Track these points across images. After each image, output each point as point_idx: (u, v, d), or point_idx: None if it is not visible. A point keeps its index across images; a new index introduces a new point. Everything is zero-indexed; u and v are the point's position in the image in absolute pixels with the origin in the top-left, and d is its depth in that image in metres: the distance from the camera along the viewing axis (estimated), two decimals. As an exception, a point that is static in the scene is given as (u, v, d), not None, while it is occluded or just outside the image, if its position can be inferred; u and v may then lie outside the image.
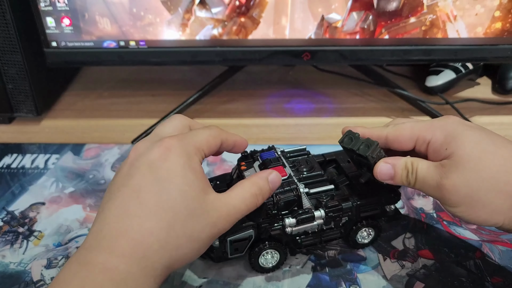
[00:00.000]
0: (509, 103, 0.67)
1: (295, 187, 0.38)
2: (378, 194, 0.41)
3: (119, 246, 0.30)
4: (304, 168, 0.41)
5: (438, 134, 0.35)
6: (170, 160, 0.32)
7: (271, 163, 0.40)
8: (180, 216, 0.31)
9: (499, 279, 0.40)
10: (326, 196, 0.39)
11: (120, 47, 0.57)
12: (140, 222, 0.30)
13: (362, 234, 0.42)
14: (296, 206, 0.38)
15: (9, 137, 0.62)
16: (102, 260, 0.29)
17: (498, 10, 0.52)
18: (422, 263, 0.42)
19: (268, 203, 0.37)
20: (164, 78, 0.76)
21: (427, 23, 0.54)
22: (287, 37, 0.55)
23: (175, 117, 0.37)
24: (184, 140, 0.33)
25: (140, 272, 0.29)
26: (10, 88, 0.61)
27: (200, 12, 0.54)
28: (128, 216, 0.30)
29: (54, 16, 0.55)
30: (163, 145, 0.32)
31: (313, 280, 0.40)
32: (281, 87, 0.72)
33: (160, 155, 0.32)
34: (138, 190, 0.31)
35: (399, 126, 0.37)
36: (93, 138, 0.61)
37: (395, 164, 0.36)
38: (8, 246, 0.45)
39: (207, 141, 0.34)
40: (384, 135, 0.37)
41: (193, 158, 0.33)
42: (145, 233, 0.30)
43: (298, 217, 0.38)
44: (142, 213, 0.30)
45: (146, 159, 0.32)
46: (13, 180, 0.54)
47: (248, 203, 0.34)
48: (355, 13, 0.53)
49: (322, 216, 0.38)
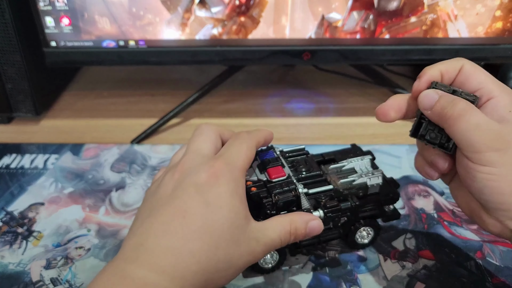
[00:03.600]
0: (509, 103, 0.67)
1: (294, 187, 0.38)
2: (377, 194, 0.41)
3: (160, 263, 0.29)
4: (303, 168, 0.41)
5: (506, 95, 0.33)
6: (219, 185, 0.32)
7: (269, 163, 0.39)
8: (223, 242, 0.31)
9: (500, 279, 0.40)
10: (325, 196, 0.39)
11: (119, 46, 0.56)
12: (183, 242, 0.30)
13: (361, 234, 0.42)
14: (295, 206, 0.38)
15: (8, 137, 0.62)
16: (141, 276, 0.29)
17: (499, 10, 0.52)
18: (422, 264, 0.42)
19: (267, 203, 0.37)
20: (164, 78, 0.76)
21: (428, 22, 0.53)
22: (287, 37, 0.55)
23: (207, 130, 0.37)
24: (231, 164, 0.34)
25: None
26: (9, 88, 0.61)
27: (200, 11, 0.54)
28: (171, 235, 0.30)
29: (54, 16, 0.54)
30: (212, 169, 0.33)
31: (313, 281, 0.40)
32: (281, 87, 0.72)
33: (208, 179, 0.32)
34: (184, 210, 0.31)
35: (475, 68, 0.35)
36: (93, 138, 0.61)
37: (442, 94, 0.34)
38: (7, 246, 0.45)
39: (247, 158, 0.35)
40: (460, 65, 0.35)
41: (239, 183, 0.34)
42: (187, 253, 0.30)
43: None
44: (186, 233, 0.30)
45: (194, 181, 0.32)
46: (12, 180, 0.54)
47: (282, 239, 0.35)
48: (355, 12, 0.53)
49: (321, 216, 0.38)
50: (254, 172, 0.40)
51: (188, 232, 0.30)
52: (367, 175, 0.40)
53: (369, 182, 0.40)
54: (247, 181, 0.38)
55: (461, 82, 0.35)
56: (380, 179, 0.40)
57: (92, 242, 0.45)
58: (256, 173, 0.40)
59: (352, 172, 0.41)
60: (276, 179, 0.38)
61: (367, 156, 0.43)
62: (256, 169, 0.40)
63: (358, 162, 0.41)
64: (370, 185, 0.40)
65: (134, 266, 0.29)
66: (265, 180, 0.39)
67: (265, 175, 0.39)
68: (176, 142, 0.60)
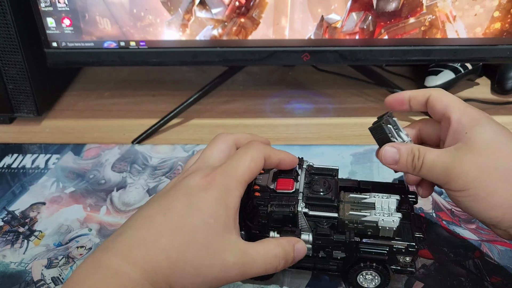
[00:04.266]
0: (508, 103, 0.67)
1: (294, 204, 0.36)
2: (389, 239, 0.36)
3: (132, 254, 0.30)
4: (320, 189, 0.37)
5: (464, 118, 0.35)
6: (207, 190, 0.32)
7: (283, 173, 0.38)
8: (194, 244, 0.31)
9: (498, 278, 0.40)
10: (327, 223, 0.36)
11: (120, 47, 0.57)
12: (157, 237, 0.30)
13: (365, 276, 0.38)
14: (291, 223, 0.36)
15: (9, 137, 0.63)
16: (114, 264, 0.29)
17: (497, 11, 0.52)
18: (421, 263, 0.42)
19: (262, 211, 0.36)
20: (164, 78, 0.76)
21: (427, 23, 0.54)
22: (286, 38, 0.55)
23: (221, 139, 0.37)
24: (226, 173, 0.33)
25: (148, 285, 0.29)
26: (11, 89, 0.61)
27: (200, 12, 0.54)
28: (148, 228, 0.31)
29: (55, 17, 0.55)
30: (206, 176, 0.33)
31: (312, 280, 0.41)
32: (281, 88, 0.73)
33: (200, 183, 0.32)
34: (166, 207, 0.32)
35: (442, 94, 0.37)
36: (94, 138, 0.62)
37: (400, 148, 0.36)
38: (8, 246, 0.45)
39: (248, 169, 0.34)
40: (428, 94, 0.37)
41: (232, 193, 0.33)
42: (158, 247, 0.30)
43: (282, 234, 0.36)
44: (161, 229, 0.31)
45: (186, 184, 0.33)
46: (14, 180, 0.54)
47: (267, 263, 0.33)
48: (354, 13, 0.54)
49: (309, 241, 0.36)
50: (267, 178, 0.39)
51: (164, 228, 0.31)
52: (382, 215, 0.35)
53: (381, 223, 0.35)
54: (256, 185, 0.38)
55: (429, 107, 0.38)
56: (395, 224, 0.35)
57: (93, 242, 0.45)
58: (269, 179, 0.38)
59: (371, 207, 0.36)
60: (281, 191, 0.37)
61: (396, 196, 0.37)
62: (271, 175, 0.39)
63: (382, 199, 0.36)
64: (382, 227, 0.35)
65: (109, 255, 0.30)
66: (271, 188, 0.37)
67: (274, 184, 0.38)
68: (176, 142, 0.60)
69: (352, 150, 0.56)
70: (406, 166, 0.36)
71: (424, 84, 0.68)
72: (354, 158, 0.55)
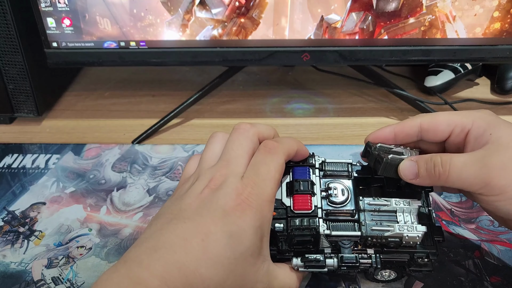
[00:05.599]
0: (508, 103, 0.67)
1: (315, 227, 0.34)
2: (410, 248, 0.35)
3: (172, 278, 0.29)
4: (337, 195, 0.36)
5: (480, 122, 0.34)
6: (245, 219, 0.31)
7: (299, 188, 0.35)
8: (232, 276, 0.30)
9: (498, 278, 0.40)
10: (349, 242, 0.35)
11: (120, 47, 0.57)
12: (197, 266, 0.29)
13: (382, 273, 0.38)
14: (312, 244, 0.35)
15: (10, 137, 0.63)
16: (154, 286, 0.28)
17: (497, 11, 0.53)
18: (421, 263, 0.42)
19: (281, 237, 0.34)
20: (164, 79, 0.76)
21: (426, 23, 0.54)
22: (286, 38, 0.56)
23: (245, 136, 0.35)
24: (258, 193, 0.32)
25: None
26: (11, 89, 0.61)
27: (200, 12, 0.55)
28: (187, 253, 0.30)
29: (55, 17, 0.55)
30: (240, 198, 0.31)
31: (312, 280, 0.41)
32: (281, 87, 0.73)
33: (235, 208, 0.31)
34: (205, 233, 0.30)
35: (434, 115, 0.36)
36: (94, 138, 0.62)
37: (418, 160, 0.34)
38: (9, 245, 0.45)
39: (276, 182, 0.33)
40: (418, 123, 0.36)
41: (266, 218, 0.32)
42: (198, 277, 0.29)
43: (306, 262, 0.35)
44: (202, 257, 0.30)
45: (221, 206, 0.31)
46: (14, 180, 0.54)
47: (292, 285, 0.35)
48: (354, 13, 0.54)
49: (333, 266, 0.35)
50: (281, 190, 0.36)
51: (203, 257, 0.30)
52: (405, 229, 0.34)
53: (405, 239, 0.34)
54: None
55: (429, 136, 0.36)
56: (419, 239, 0.34)
57: (94, 241, 0.45)
58: (283, 192, 0.36)
59: (392, 215, 0.35)
60: (299, 211, 0.35)
61: (416, 201, 0.36)
62: (284, 187, 0.36)
63: (403, 206, 0.35)
64: (406, 241, 0.34)
65: (147, 273, 0.29)
66: (288, 206, 0.35)
67: (290, 201, 0.35)
68: (176, 142, 0.60)
69: (352, 150, 0.57)
70: (429, 177, 0.33)
71: (424, 84, 0.68)
72: (354, 158, 0.55)
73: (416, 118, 0.36)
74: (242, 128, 0.36)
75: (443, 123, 0.35)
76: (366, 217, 0.35)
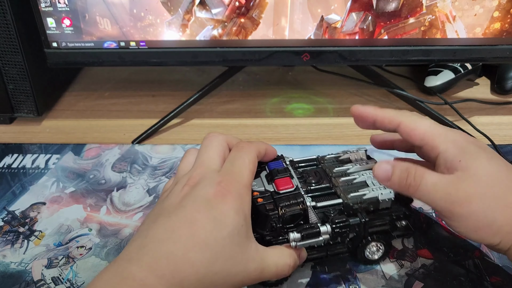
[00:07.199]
0: (508, 103, 0.67)
1: (302, 201, 0.37)
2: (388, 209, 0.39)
3: (160, 267, 0.30)
4: (312, 180, 0.40)
5: (451, 146, 0.35)
6: (226, 202, 0.33)
7: (278, 173, 0.39)
8: (221, 257, 0.31)
9: (498, 278, 0.40)
10: (334, 211, 0.37)
11: (120, 47, 0.57)
12: (185, 251, 0.31)
13: (371, 249, 0.40)
14: (302, 220, 0.37)
15: (10, 137, 0.63)
16: (141, 277, 0.29)
17: (497, 11, 0.53)
18: (421, 263, 0.42)
19: (273, 216, 0.36)
20: (164, 79, 0.76)
21: (426, 23, 0.54)
22: (286, 38, 0.56)
23: (216, 141, 0.38)
24: (236, 180, 0.34)
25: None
26: (11, 89, 0.61)
27: (200, 12, 0.55)
28: (174, 242, 0.31)
29: (55, 17, 0.55)
30: (219, 186, 0.33)
31: (312, 280, 0.41)
32: (281, 87, 0.73)
33: (216, 194, 0.33)
34: (190, 221, 0.32)
35: (415, 121, 0.37)
36: (94, 138, 0.62)
37: (395, 165, 0.35)
38: (8, 246, 0.45)
39: (251, 172, 0.36)
40: (398, 121, 0.37)
41: (245, 200, 0.34)
42: (187, 262, 0.30)
43: (303, 232, 0.36)
44: (189, 243, 0.31)
45: (202, 195, 0.33)
46: (14, 180, 0.54)
47: (279, 270, 0.35)
48: (354, 13, 0.54)
49: (328, 232, 0.37)
50: (261, 182, 0.39)
51: (191, 242, 0.31)
52: (378, 189, 0.38)
53: (380, 197, 0.38)
54: (254, 191, 0.38)
55: (402, 134, 0.37)
56: (392, 194, 0.38)
57: (93, 242, 0.45)
58: (264, 183, 0.39)
59: (364, 185, 0.39)
60: (284, 191, 0.37)
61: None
62: (264, 179, 0.39)
63: (370, 176, 0.39)
64: (382, 200, 0.38)
65: (136, 267, 0.30)
66: (272, 191, 0.38)
67: (273, 186, 0.38)
68: (176, 142, 0.60)
69: (352, 150, 0.57)
70: (399, 184, 0.35)
71: (424, 84, 0.68)
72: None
73: (398, 116, 0.37)
74: (211, 135, 0.39)
75: (418, 136, 0.36)
76: (342, 189, 0.39)
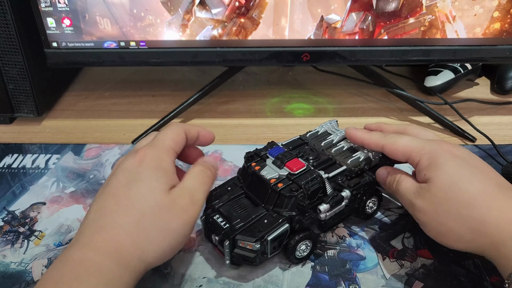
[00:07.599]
0: (507, 103, 0.67)
1: (318, 174, 0.40)
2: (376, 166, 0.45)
3: (94, 241, 0.32)
4: (311, 156, 0.43)
5: (424, 159, 0.38)
6: (141, 164, 0.35)
7: (286, 158, 0.42)
8: (149, 210, 0.33)
9: (498, 278, 0.40)
10: (341, 177, 0.41)
11: (120, 47, 0.57)
12: (113, 219, 0.33)
13: (369, 204, 0.45)
14: (321, 193, 0.40)
15: (10, 137, 0.63)
16: (79, 255, 0.32)
17: (496, 11, 0.53)
18: (421, 263, 0.42)
19: (299, 195, 0.38)
20: (164, 79, 0.76)
21: (426, 23, 0.54)
22: (286, 38, 0.56)
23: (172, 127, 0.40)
24: (155, 146, 0.37)
25: (114, 265, 0.31)
26: (11, 89, 0.61)
27: (200, 12, 0.55)
28: (104, 215, 0.33)
29: (55, 17, 0.55)
30: (138, 154, 0.36)
31: (312, 280, 0.41)
32: (281, 87, 0.73)
33: (134, 161, 0.36)
34: (114, 192, 0.35)
35: (395, 141, 0.41)
36: (94, 138, 0.62)
37: (390, 171, 0.42)
38: (9, 246, 0.45)
39: (173, 140, 0.38)
40: (381, 145, 0.41)
41: (165, 159, 0.36)
42: (117, 228, 0.33)
43: (331, 201, 0.40)
44: (116, 211, 0.33)
45: (123, 166, 0.36)
46: (14, 180, 0.54)
47: (200, 180, 0.38)
48: (354, 13, 0.54)
49: (348, 196, 0.41)
50: (272, 169, 0.42)
51: (117, 209, 0.33)
52: (367, 150, 0.44)
53: (371, 156, 0.44)
54: (271, 179, 0.40)
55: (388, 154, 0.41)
56: (379, 152, 0.44)
57: (94, 241, 0.45)
58: (275, 169, 0.41)
59: (353, 150, 0.45)
60: (298, 171, 0.40)
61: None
62: (273, 166, 0.42)
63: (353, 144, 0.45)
64: (374, 158, 0.44)
65: (74, 249, 0.33)
66: (287, 174, 0.41)
67: (285, 170, 0.41)
68: (176, 142, 0.60)
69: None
70: (389, 186, 0.42)
71: (424, 84, 0.68)
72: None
73: (381, 140, 0.41)
74: (172, 123, 0.42)
75: (400, 153, 0.40)
76: (339, 158, 0.44)
